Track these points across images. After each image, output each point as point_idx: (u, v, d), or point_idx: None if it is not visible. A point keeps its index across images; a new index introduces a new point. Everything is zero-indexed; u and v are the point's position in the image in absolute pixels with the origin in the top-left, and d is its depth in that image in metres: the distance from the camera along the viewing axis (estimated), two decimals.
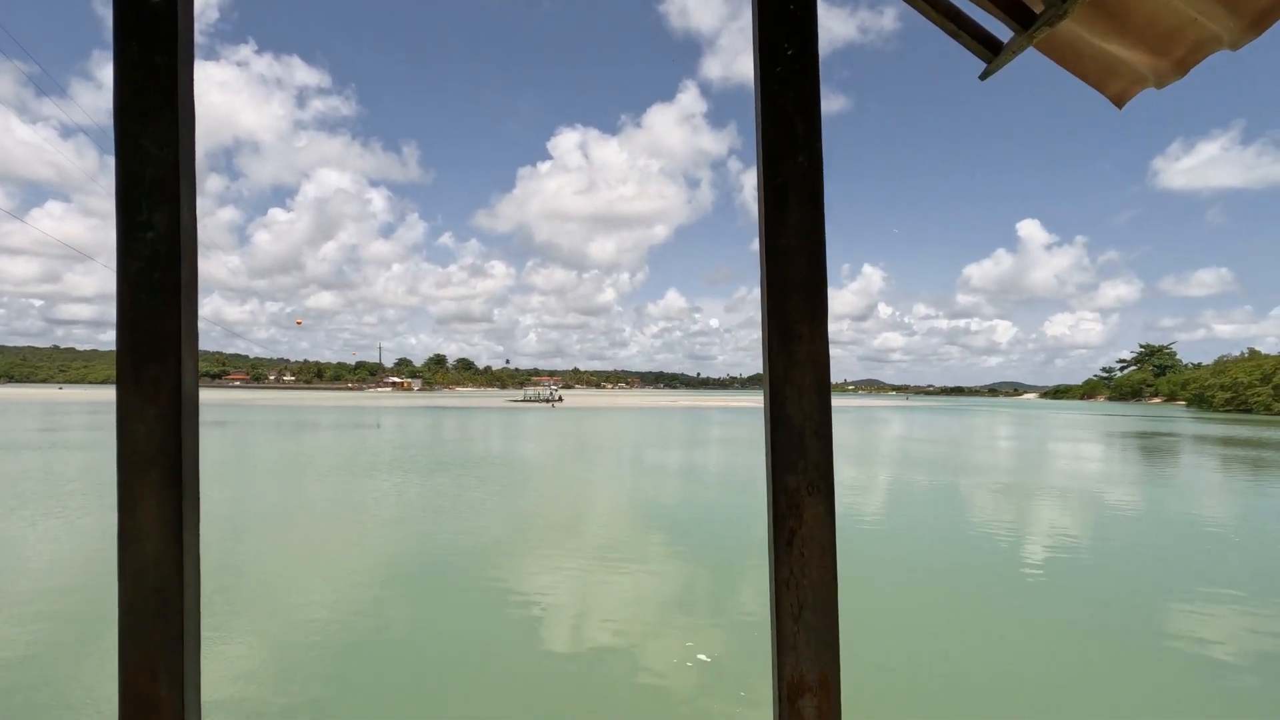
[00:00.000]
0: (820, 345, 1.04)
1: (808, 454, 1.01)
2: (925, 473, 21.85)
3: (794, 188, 1.05)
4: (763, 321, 1.06)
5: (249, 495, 15.99)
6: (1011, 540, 12.25)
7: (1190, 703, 6.04)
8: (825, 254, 1.06)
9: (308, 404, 79.99)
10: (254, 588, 8.85)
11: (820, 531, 1.01)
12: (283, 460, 23.79)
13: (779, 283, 1.04)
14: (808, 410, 1.02)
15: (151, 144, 1.01)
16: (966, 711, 5.83)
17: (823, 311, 1.05)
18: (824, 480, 1.01)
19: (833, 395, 1.02)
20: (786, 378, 1.02)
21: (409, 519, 13.34)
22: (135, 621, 0.97)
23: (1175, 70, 1.62)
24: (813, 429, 1.02)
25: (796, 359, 1.02)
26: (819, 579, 1.01)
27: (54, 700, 5.74)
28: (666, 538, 12.08)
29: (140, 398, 1.01)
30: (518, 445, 30.23)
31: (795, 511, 1.01)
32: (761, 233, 1.07)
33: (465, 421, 48.79)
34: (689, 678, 6.21)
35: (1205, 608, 8.64)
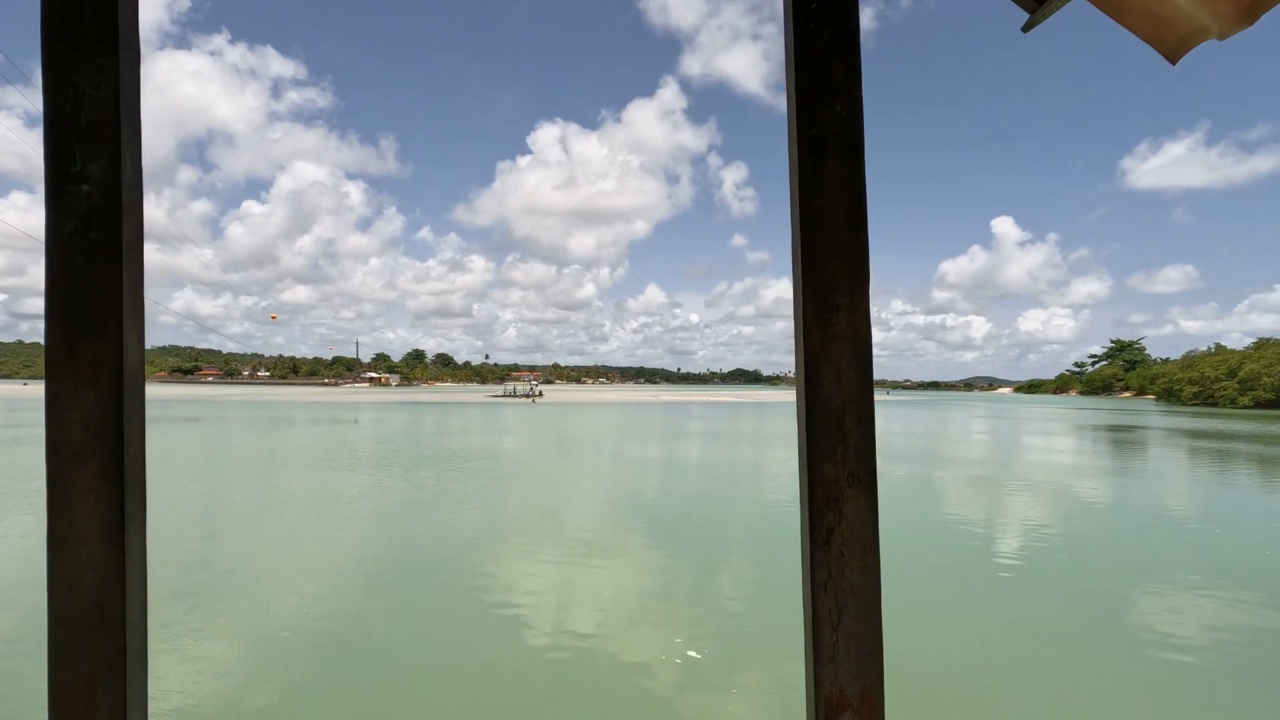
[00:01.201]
0: (861, 317, 0.94)
1: (847, 440, 0.92)
2: (905, 466, 22.09)
3: (831, 139, 0.94)
4: (795, 292, 0.96)
5: (222, 492, 15.69)
6: (987, 531, 12.42)
7: (1160, 691, 6.15)
8: (866, 214, 0.95)
9: (283, 400, 78.80)
10: (228, 587, 8.66)
11: (862, 528, 0.92)
12: (257, 456, 23.39)
13: (814, 248, 0.93)
14: (847, 391, 0.92)
15: (86, 82, 0.87)
16: (939, 703, 5.87)
17: (864, 280, 0.94)
18: (865, 470, 0.93)
19: None
20: (823, 354, 0.92)
21: (388, 515, 13.17)
22: (68, 637, 0.85)
23: (1245, 16, 1.40)
24: (853, 412, 0.92)
25: (834, 333, 0.92)
26: (860, 581, 0.92)
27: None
28: (649, 532, 12.05)
29: (75, 379, 0.87)
30: (498, 440, 30.03)
31: (834, 505, 0.92)
32: (794, 191, 0.96)
33: (444, 417, 48.38)
34: (678, 675, 6.16)
35: (1173, 596, 8.84)
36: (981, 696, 5.99)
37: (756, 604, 8.26)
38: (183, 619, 7.46)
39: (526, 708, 5.67)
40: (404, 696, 5.79)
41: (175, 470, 19.24)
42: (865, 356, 0.93)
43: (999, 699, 5.95)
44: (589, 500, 15.33)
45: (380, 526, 12.20)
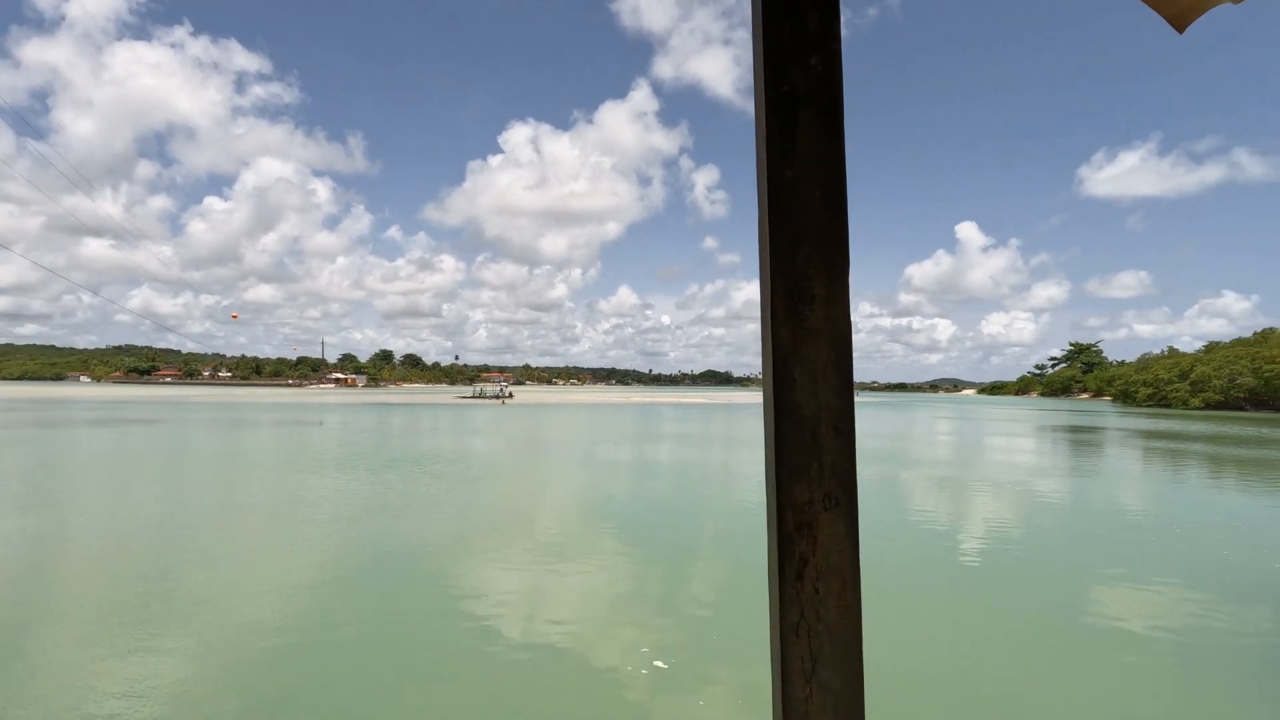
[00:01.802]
0: (840, 310, 0.82)
1: (823, 455, 0.80)
2: (877, 467, 22.32)
3: (805, 100, 0.82)
4: (762, 280, 0.84)
5: (179, 498, 15.13)
6: (955, 530, 12.56)
7: (1112, 680, 6.22)
8: (846, 189, 0.83)
9: (245, 401, 76.83)
10: (188, 593, 8.30)
11: (840, 559, 0.80)
12: (217, 460, 22.68)
13: (785, 228, 0.81)
14: (824, 396, 0.80)
15: None
16: (901, 699, 5.86)
17: (843, 266, 0.82)
18: (845, 490, 0.80)
19: None
20: (795, 353, 0.80)
21: (352, 519, 12.82)
22: None
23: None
24: (830, 421, 0.80)
25: (808, 328, 0.81)
26: (839, 623, 0.79)
27: None
28: (618, 535, 11.93)
29: None
30: (466, 443, 29.62)
31: (807, 533, 0.79)
32: (761, 162, 0.84)
33: (412, 418, 47.62)
34: (644, 686, 6.02)
35: (1125, 589, 9.05)
36: (945, 695, 5.98)
37: (724, 609, 8.19)
38: (135, 630, 7.11)
39: (494, 716, 5.50)
40: (369, 707, 5.58)
41: (130, 475, 18.53)
42: (845, 355, 0.81)
43: (963, 697, 5.95)
44: (557, 504, 15.15)
45: (345, 531, 11.86)
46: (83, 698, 5.72)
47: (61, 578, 9.12)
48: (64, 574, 9.29)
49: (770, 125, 0.82)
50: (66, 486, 16.22)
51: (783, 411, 0.80)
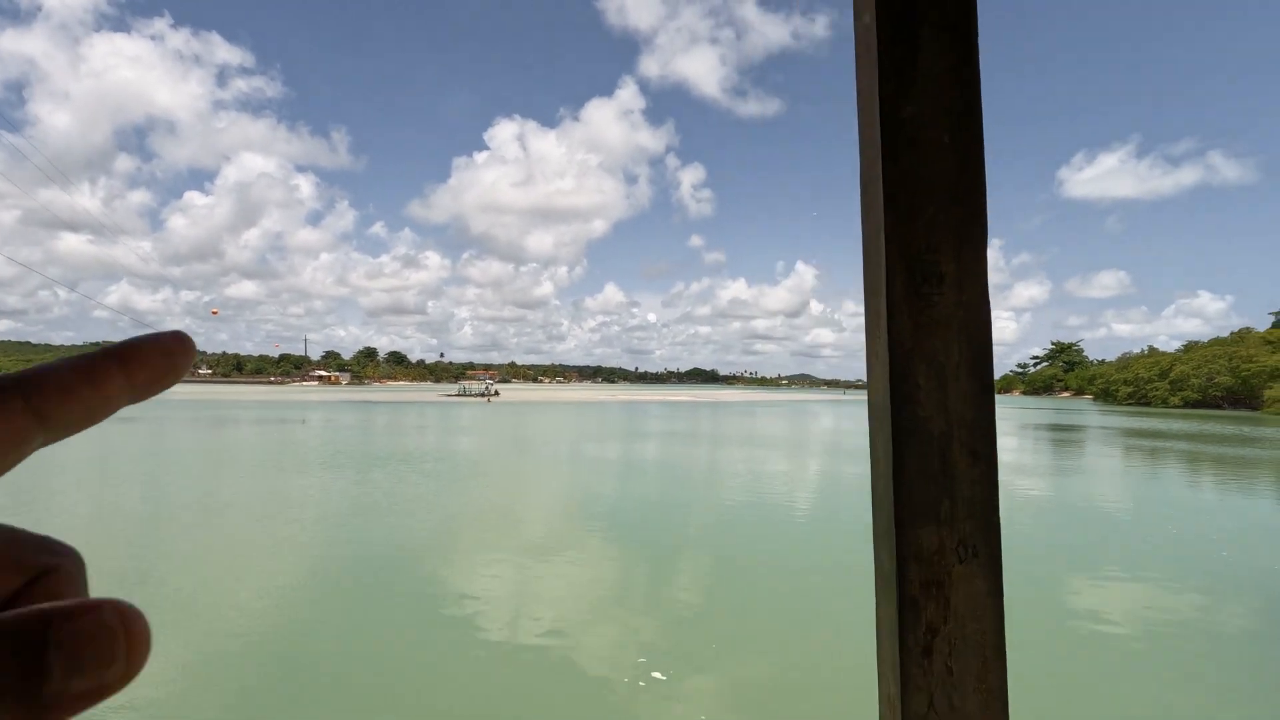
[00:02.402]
0: (975, 292, 0.63)
1: (957, 487, 0.62)
2: (858, 463, 22.34)
3: (928, 15, 0.63)
4: (869, 254, 0.67)
5: (161, 497, 14.77)
6: None
7: (1095, 676, 6.18)
8: (982, 130, 0.64)
9: (226, 398, 75.79)
10: (169, 596, 8.03)
11: (981, 628, 0.61)
12: (198, 459, 22.24)
13: (903, 183, 0.62)
14: (956, 408, 0.62)
15: None
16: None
17: (980, 232, 0.63)
18: (985, 536, 0.62)
19: (770, 390, 0.62)
20: (917, 350, 0.62)
21: (338, 518, 12.56)
22: None
23: None
24: (964, 441, 0.62)
25: (935, 316, 0.62)
26: (979, 713, 0.61)
27: None
28: (605, 534, 11.78)
29: None
30: (453, 441, 29.33)
31: (936, 593, 0.61)
32: (868, 98, 0.65)
33: (397, 416, 47.15)
34: (643, 700, 5.80)
35: (1102, 583, 9.19)
36: None
37: (712, 605, 8.07)
38: None
39: (482, 717, 5.34)
40: (355, 709, 5.39)
41: (107, 475, 18.09)
42: (983, 353, 0.63)
43: None
44: (545, 503, 14.97)
45: (329, 532, 11.60)
46: None
47: None
48: None
49: (883, 48, 0.62)
50: (40, 488, 15.79)
51: (902, 429, 0.61)
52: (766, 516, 13.65)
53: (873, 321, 0.64)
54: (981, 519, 0.61)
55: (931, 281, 0.61)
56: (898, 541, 0.60)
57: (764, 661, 6.69)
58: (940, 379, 0.61)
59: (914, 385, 0.61)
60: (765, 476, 19.35)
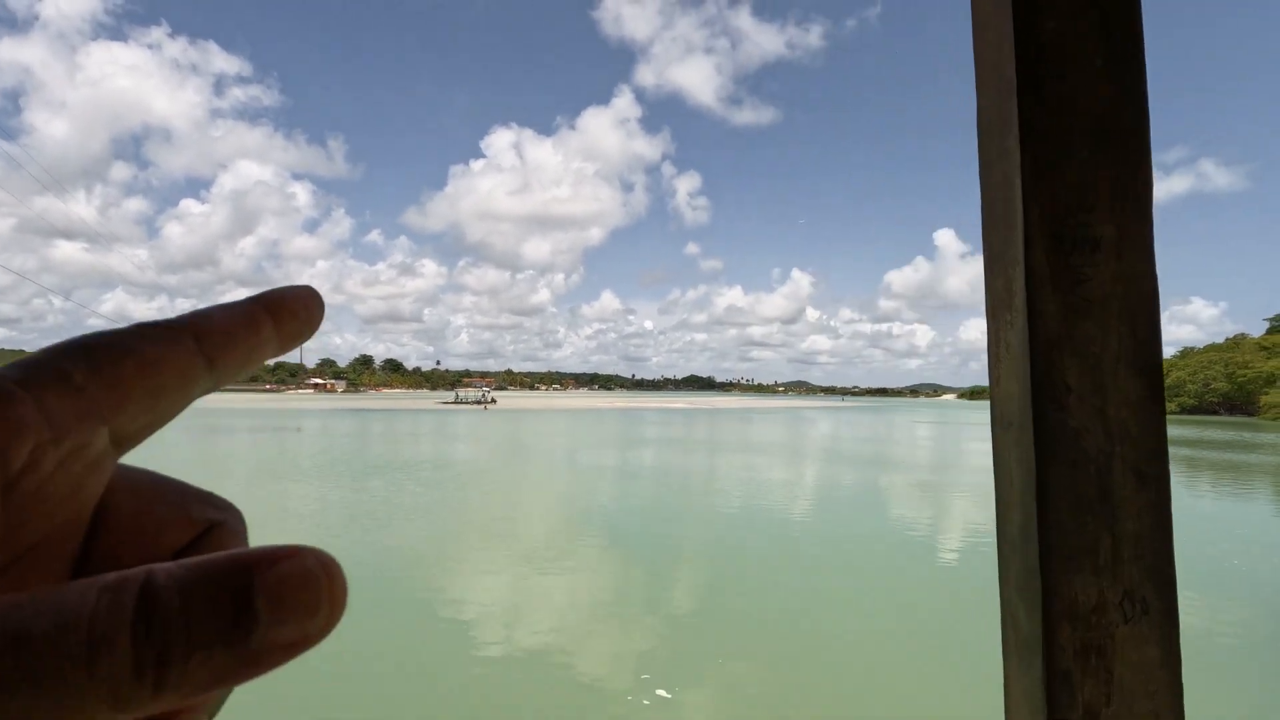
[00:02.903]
0: (1140, 262, 0.50)
1: (1120, 523, 0.48)
2: (858, 470, 22.12)
3: None
4: (990, 215, 0.54)
5: None
6: (934, 531, 12.33)
7: None
8: (1143, 52, 0.51)
9: (221, 406, 75.32)
10: None
11: (1154, 706, 0.48)
12: (192, 468, 21.90)
13: (1046, 119, 0.49)
14: (1119, 418, 0.49)
15: None
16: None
17: (1144, 184, 0.51)
18: (1159, 586, 0.49)
19: (767, 397, 0.47)
20: (1069, 339, 0.48)
21: (333, 527, 12.28)
22: None
23: None
24: (1130, 461, 0.49)
25: (1091, 295, 0.49)
26: None
27: None
28: (607, 546, 11.52)
29: None
30: (449, 449, 29.04)
31: (1097, 660, 0.47)
32: (994, 11, 0.53)
33: (392, 424, 46.81)
34: (632, 695, 5.59)
35: None
36: (925, 696, 5.66)
37: (711, 615, 7.82)
38: None
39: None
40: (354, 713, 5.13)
41: None
42: (1150, 342, 0.50)
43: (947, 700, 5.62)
44: (543, 513, 14.71)
45: (323, 541, 11.26)
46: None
47: None
48: None
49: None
50: None
51: (1047, 444, 0.48)
52: (769, 525, 13.42)
53: (999, 304, 0.52)
54: (1152, 563, 0.48)
55: (1083, 249, 0.48)
56: (1044, 595, 0.47)
57: (771, 677, 6.44)
58: (1096, 378, 0.48)
59: (1061, 387, 0.48)
60: (768, 485, 19.12)
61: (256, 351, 0.21)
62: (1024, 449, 0.48)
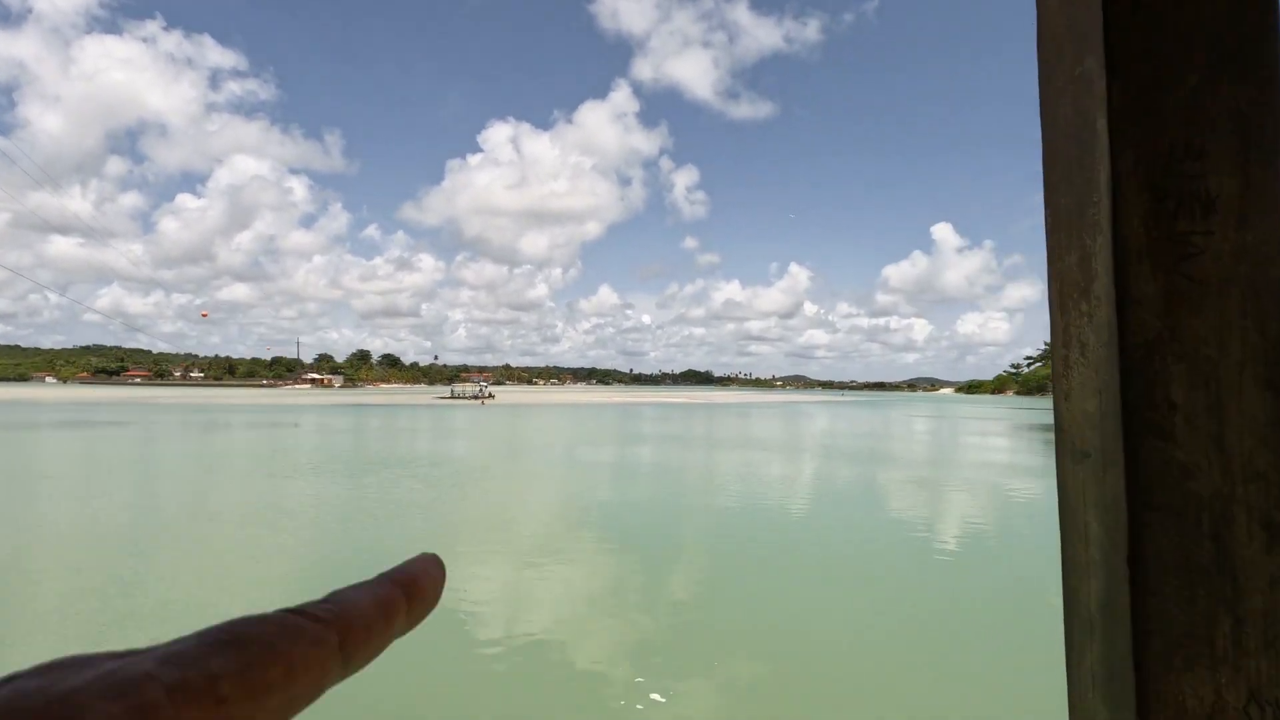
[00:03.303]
0: (1269, 229, 0.35)
1: (1248, 591, 0.34)
2: (856, 465, 22.10)
3: None
4: (1053, 165, 0.43)
5: (150, 503, 14.39)
6: (933, 525, 12.32)
7: None
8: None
9: (217, 402, 75.12)
10: (156, 606, 7.70)
11: None
12: (189, 464, 21.82)
13: (1141, 38, 0.35)
14: (1244, 444, 0.34)
15: None
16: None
17: (1276, 126, 0.35)
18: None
19: (765, 392, 0.37)
20: (1172, 335, 0.35)
21: (329, 523, 12.23)
22: None
23: None
24: (1258, 505, 0.34)
25: (1203, 274, 0.35)
26: None
27: None
28: (606, 542, 11.50)
29: None
30: (448, 445, 28.99)
31: None
32: None
33: (390, 419, 46.74)
34: (629, 690, 5.54)
35: None
36: (931, 695, 5.63)
37: (709, 610, 7.79)
38: (101, 647, 6.51)
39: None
40: (348, 712, 5.09)
41: (95, 481, 17.67)
42: None
43: (950, 695, 5.60)
44: (543, 508, 14.67)
45: (320, 536, 11.28)
46: None
47: (22, 590, 8.46)
48: (25, 586, 8.62)
49: None
50: (27, 493, 15.39)
51: (1144, 485, 0.35)
52: (768, 521, 13.40)
53: (1070, 288, 0.38)
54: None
55: (1193, 211, 0.34)
56: (1138, 697, 0.34)
57: (770, 676, 6.42)
58: (1212, 392, 0.34)
59: (1163, 405, 0.34)
60: (767, 480, 19.10)
61: (386, 642, 0.21)
62: (1108, 491, 0.35)
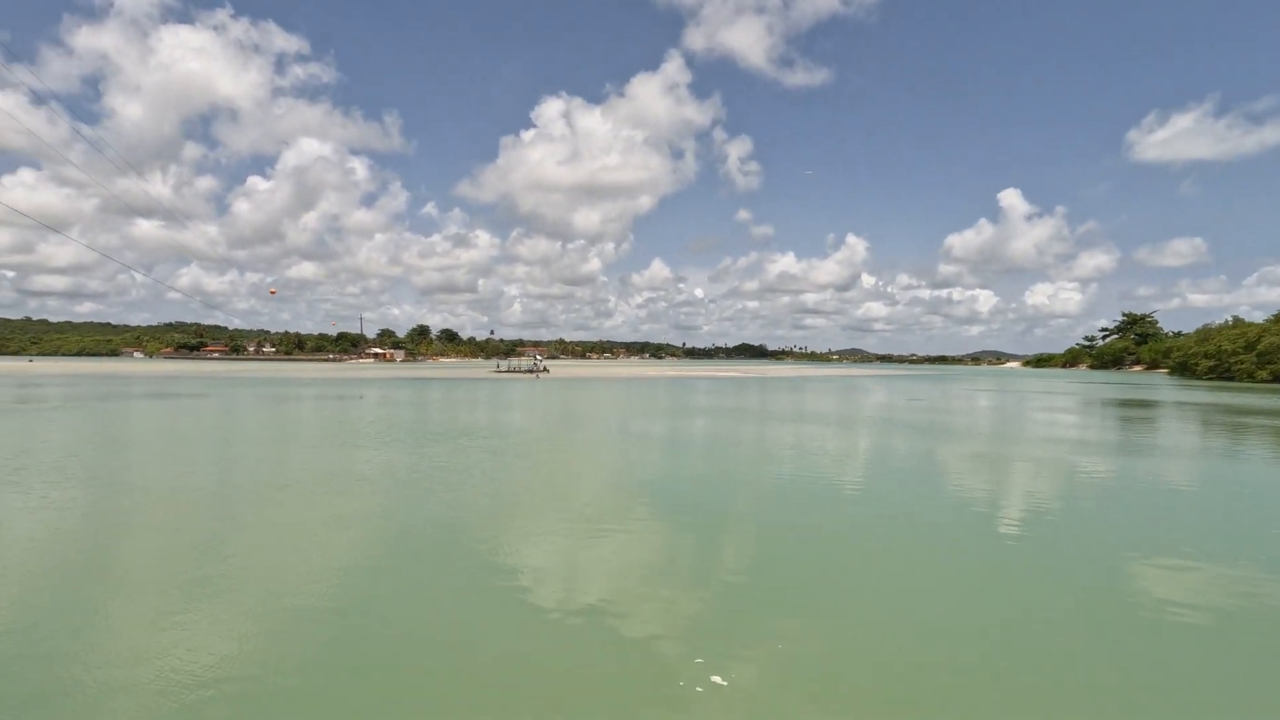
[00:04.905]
0: None
1: None
2: (962, 444, 21.46)
3: None
4: None
5: (232, 469, 15.22)
6: (1008, 505, 11.84)
7: (1156, 661, 5.59)
8: None
9: (288, 375, 78.61)
10: (240, 564, 8.18)
11: None
12: (266, 432, 22.96)
13: None
14: None
15: None
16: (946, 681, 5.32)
17: None
18: None
19: (819, 365, 0.40)
20: None
21: (402, 490, 12.67)
22: None
23: None
24: None
25: None
26: None
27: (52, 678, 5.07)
28: (659, 515, 11.52)
29: None
30: (505, 416, 29.56)
31: None
32: None
33: (449, 392, 47.99)
34: (702, 711, 5.14)
35: (1177, 570, 8.48)
36: (989, 680, 5.43)
37: (761, 580, 7.72)
38: (193, 601, 7.01)
39: (534, 686, 5.16)
40: (411, 673, 5.29)
41: (181, 448, 18.78)
42: None
43: (1007, 681, 5.39)
44: (603, 478, 14.80)
45: (395, 503, 11.69)
46: (151, 661, 5.79)
47: (122, 548, 9.10)
48: (124, 544, 9.27)
49: None
50: (123, 459, 16.48)
51: None
52: (825, 496, 13.18)
53: None
54: None
55: None
56: None
57: (834, 665, 6.32)
58: None
59: None
60: (823, 454, 18.77)
61: None
62: None
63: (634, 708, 5.17)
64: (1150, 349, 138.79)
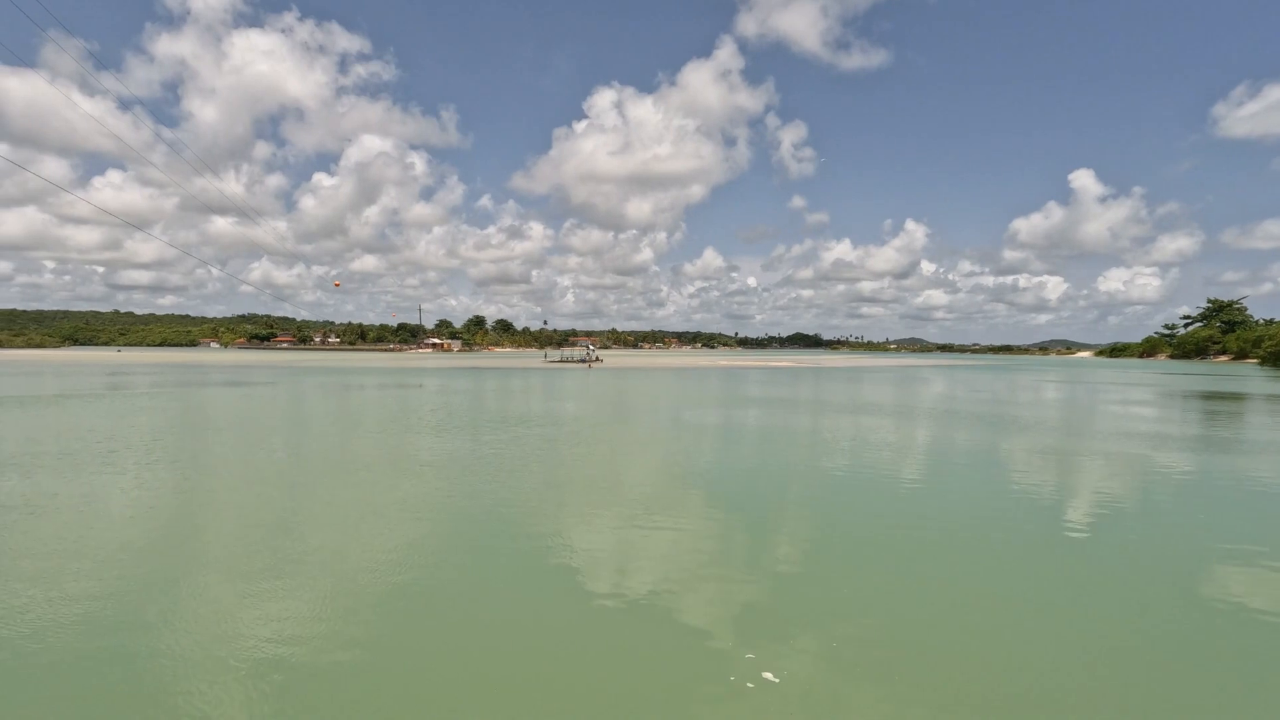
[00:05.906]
0: None
1: None
2: (999, 433, 20.75)
3: None
4: None
5: (302, 453, 15.99)
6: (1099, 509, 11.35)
7: (1235, 669, 5.26)
8: None
9: (352, 365, 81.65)
10: (309, 543, 8.63)
11: None
12: (332, 418, 23.97)
13: None
14: None
15: None
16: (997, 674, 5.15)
17: None
18: None
19: (876, 355, 0.42)
20: None
21: (463, 474, 13.07)
22: None
23: None
24: None
25: None
26: None
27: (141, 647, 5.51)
28: (712, 505, 11.53)
29: None
30: (560, 405, 30.00)
31: None
32: None
33: (505, 381, 48.97)
34: (753, 708, 5.06)
35: (1261, 572, 7.80)
36: (1058, 685, 5.23)
37: (814, 570, 7.63)
38: (266, 577, 7.49)
39: (589, 666, 5.27)
40: (470, 652, 5.49)
41: (255, 433, 19.80)
42: None
43: (1078, 688, 5.18)
44: (652, 471, 14.89)
45: (457, 487, 12.07)
46: (229, 633, 6.19)
47: (206, 526, 9.71)
48: (208, 522, 9.89)
49: None
50: (204, 443, 17.49)
51: None
52: (881, 489, 12.93)
53: None
54: None
55: None
56: None
57: (888, 662, 6.23)
58: None
59: None
60: (880, 446, 18.38)
61: None
62: None
63: (685, 700, 5.17)
64: (1238, 337, 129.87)
